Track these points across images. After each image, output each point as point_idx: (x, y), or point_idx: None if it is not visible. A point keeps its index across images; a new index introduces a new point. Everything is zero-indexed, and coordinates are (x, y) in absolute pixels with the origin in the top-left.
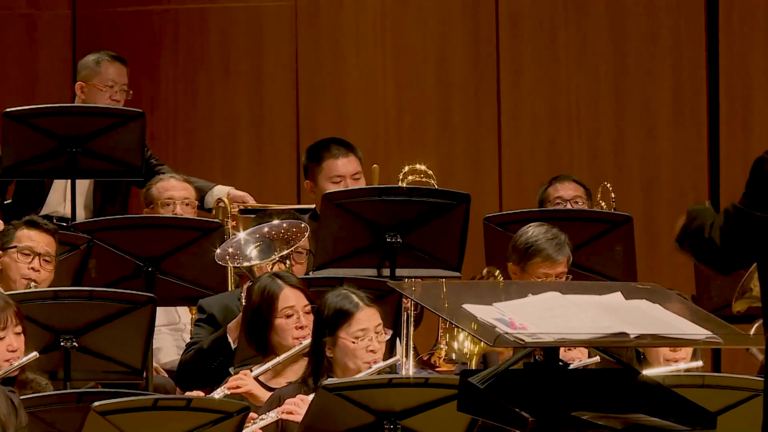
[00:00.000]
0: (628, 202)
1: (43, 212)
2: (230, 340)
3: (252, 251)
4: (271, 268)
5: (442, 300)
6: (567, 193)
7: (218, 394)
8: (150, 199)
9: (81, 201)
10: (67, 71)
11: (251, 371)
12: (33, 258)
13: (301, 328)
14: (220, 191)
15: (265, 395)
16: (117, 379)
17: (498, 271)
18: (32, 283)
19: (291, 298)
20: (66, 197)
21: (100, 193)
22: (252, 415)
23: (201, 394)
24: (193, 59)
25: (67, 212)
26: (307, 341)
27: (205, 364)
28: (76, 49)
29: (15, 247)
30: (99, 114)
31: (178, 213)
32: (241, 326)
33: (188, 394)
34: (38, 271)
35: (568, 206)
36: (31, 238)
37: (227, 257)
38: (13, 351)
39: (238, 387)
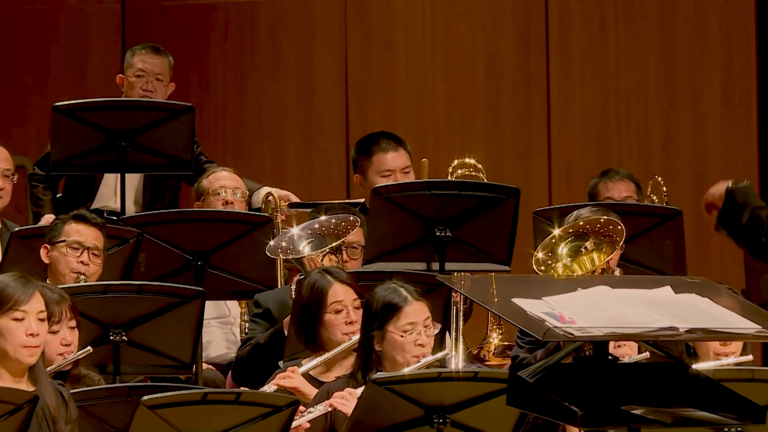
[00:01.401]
0: (678, 196)
1: (94, 206)
2: (286, 334)
3: (304, 246)
4: (322, 260)
5: (491, 294)
6: (618, 194)
7: (266, 389)
8: (201, 191)
9: (131, 195)
10: (117, 65)
11: (300, 367)
12: (82, 252)
13: (351, 323)
14: (266, 191)
15: (312, 392)
16: (166, 373)
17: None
18: (81, 277)
19: (340, 294)
20: (116, 191)
21: (149, 188)
22: (301, 408)
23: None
24: (242, 53)
25: (118, 206)
26: (357, 336)
27: (262, 359)
28: (125, 43)
29: (63, 241)
30: (148, 108)
31: (228, 200)
32: (290, 320)
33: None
34: (87, 264)
35: None
36: (79, 232)
37: (279, 250)
38: (67, 345)
39: (285, 383)
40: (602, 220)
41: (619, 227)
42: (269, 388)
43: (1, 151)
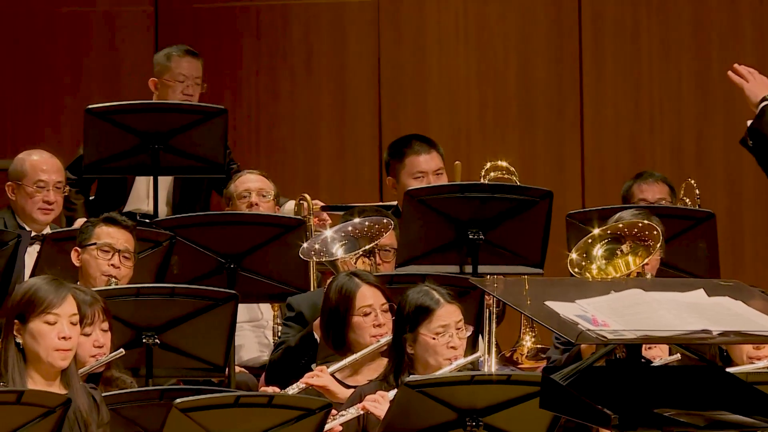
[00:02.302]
0: (711, 198)
1: (127, 209)
2: (317, 336)
3: (338, 249)
4: (355, 263)
5: (524, 297)
6: (651, 195)
7: (294, 389)
8: (228, 195)
9: (163, 197)
10: (150, 68)
11: (328, 368)
12: (112, 255)
13: (379, 325)
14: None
15: (341, 391)
16: (199, 376)
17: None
18: (112, 280)
19: (368, 297)
20: (149, 194)
21: (180, 190)
22: (333, 411)
23: (276, 389)
24: (275, 56)
25: (150, 208)
26: (385, 339)
27: (294, 362)
28: (158, 45)
29: (94, 244)
30: (181, 111)
31: (253, 202)
32: (320, 323)
33: (263, 389)
34: (118, 267)
35: None
36: (110, 234)
37: (312, 253)
38: (99, 347)
39: (314, 382)
40: (640, 224)
41: (656, 232)
42: (297, 387)
43: (53, 162)
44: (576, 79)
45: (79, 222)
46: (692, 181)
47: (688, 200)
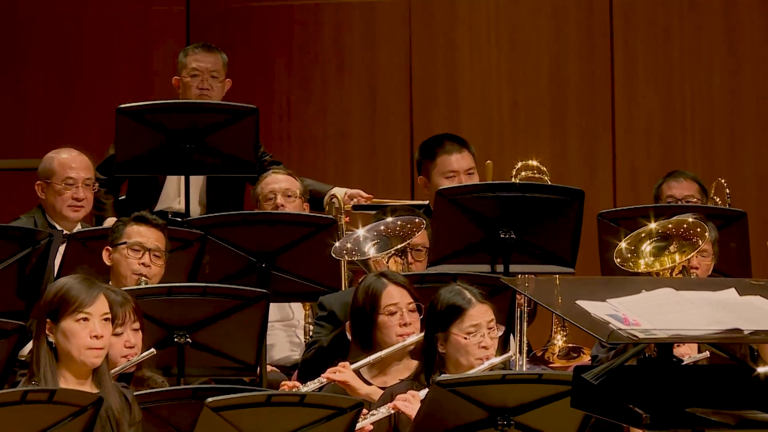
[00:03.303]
0: (743, 197)
1: (158, 208)
2: (349, 337)
3: (370, 248)
4: (387, 262)
5: (555, 296)
6: (679, 192)
7: (315, 383)
8: (255, 197)
9: (194, 196)
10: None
11: (351, 364)
12: (143, 254)
13: (405, 325)
14: (337, 191)
15: (361, 387)
16: (230, 375)
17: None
18: (143, 279)
19: (395, 296)
20: (180, 193)
21: (212, 189)
22: (363, 411)
23: (297, 384)
24: (306, 55)
25: (182, 207)
26: (411, 339)
27: (326, 362)
28: (189, 45)
29: (125, 243)
30: (212, 110)
31: (279, 204)
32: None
33: (284, 383)
34: (149, 266)
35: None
36: (140, 233)
37: (344, 252)
38: (130, 347)
39: (336, 377)
40: (688, 222)
41: (699, 229)
42: (319, 381)
43: (82, 160)
44: (607, 78)
45: (109, 221)
46: (722, 181)
47: (718, 199)
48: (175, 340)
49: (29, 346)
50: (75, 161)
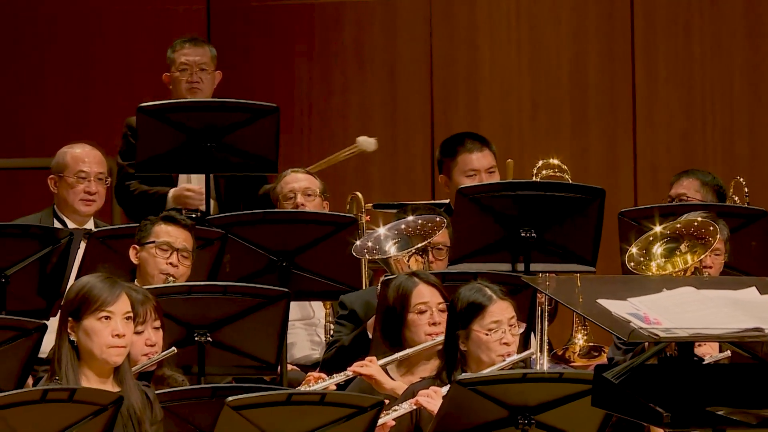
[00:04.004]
0: (763, 196)
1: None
2: (370, 336)
3: (390, 247)
4: (408, 261)
5: (576, 295)
6: (675, 191)
7: (341, 376)
8: (275, 196)
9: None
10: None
11: (378, 359)
12: (171, 253)
13: (434, 324)
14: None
15: (387, 382)
16: (251, 374)
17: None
18: (170, 279)
19: (425, 294)
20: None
21: (225, 187)
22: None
23: (323, 375)
24: (327, 53)
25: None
26: (439, 338)
27: (347, 361)
28: (210, 43)
29: (153, 242)
30: (233, 109)
31: (299, 203)
32: (376, 323)
33: (310, 373)
34: (176, 266)
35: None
36: (168, 233)
37: (365, 251)
38: (151, 345)
39: (362, 371)
40: (696, 223)
41: (712, 228)
42: (345, 375)
43: (95, 154)
44: (628, 76)
45: (180, 189)
46: (741, 179)
47: (737, 198)
48: (196, 338)
49: (51, 343)
50: (88, 155)
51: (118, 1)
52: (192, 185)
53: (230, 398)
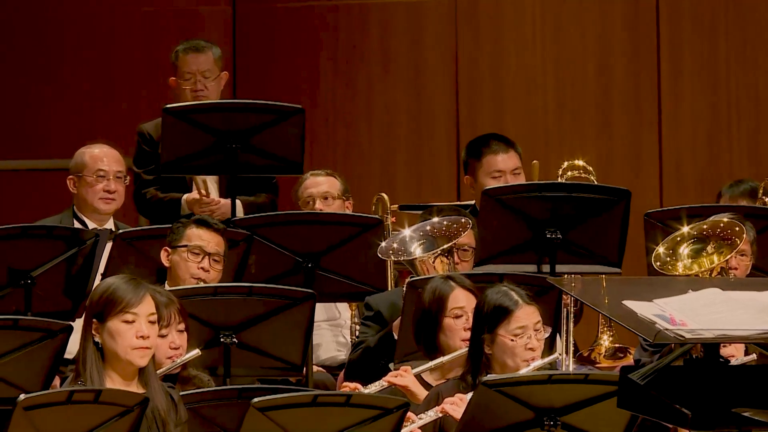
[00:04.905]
0: None
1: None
2: (396, 337)
3: (416, 248)
4: (434, 262)
5: (601, 296)
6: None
7: (375, 386)
8: (296, 199)
9: (216, 191)
10: (227, 67)
11: (413, 368)
12: (203, 257)
13: (470, 329)
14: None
15: (422, 393)
16: (276, 375)
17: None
18: (201, 283)
19: (461, 299)
20: (208, 188)
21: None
22: (410, 415)
23: (358, 386)
24: (352, 55)
25: None
26: None
27: (373, 362)
28: (235, 45)
29: (185, 246)
30: (258, 110)
31: (318, 209)
32: (401, 324)
33: (345, 384)
34: (207, 270)
35: None
36: (201, 237)
37: (390, 252)
38: (175, 348)
39: (397, 381)
40: (724, 222)
41: (738, 228)
42: (380, 385)
43: (113, 153)
44: (653, 77)
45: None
46: None
47: (767, 199)
48: (222, 340)
49: (77, 344)
50: (106, 155)
51: (144, 3)
52: (195, 193)
53: (256, 399)
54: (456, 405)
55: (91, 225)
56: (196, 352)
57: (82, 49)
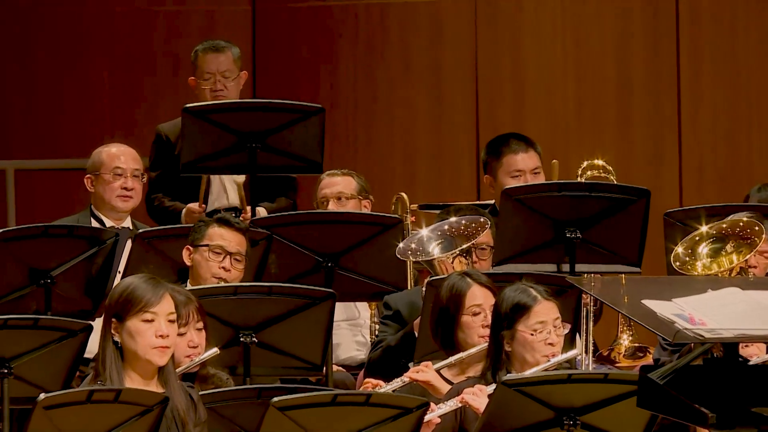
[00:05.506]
0: None
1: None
2: (417, 336)
3: (434, 248)
4: (452, 262)
5: (621, 295)
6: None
7: (397, 382)
8: (314, 200)
9: (236, 192)
10: (247, 66)
11: (433, 364)
12: (224, 257)
13: (488, 326)
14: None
15: (445, 388)
16: (296, 375)
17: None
18: (222, 283)
19: (479, 296)
20: (226, 190)
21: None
22: (431, 406)
23: (381, 383)
24: (372, 54)
25: (225, 203)
26: None
27: (393, 360)
28: (255, 45)
29: (206, 245)
30: (278, 110)
31: (332, 209)
32: (421, 323)
33: (367, 380)
34: (229, 270)
35: None
36: (222, 236)
37: (409, 252)
38: (194, 347)
39: (418, 377)
40: (743, 222)
41: (757, 228)
42: (401, 381)
43: (130, 152)
44: (673, 76)
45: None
46: None
47: None
48: (241, 339)
49: (97, 343)
50: (123, 153)
51: (164, 2)
52: (195, 206)
53: (275, 399)
54: (476, 395)
55: (108, 223)
56: (214, 350)
57: (102, 49)
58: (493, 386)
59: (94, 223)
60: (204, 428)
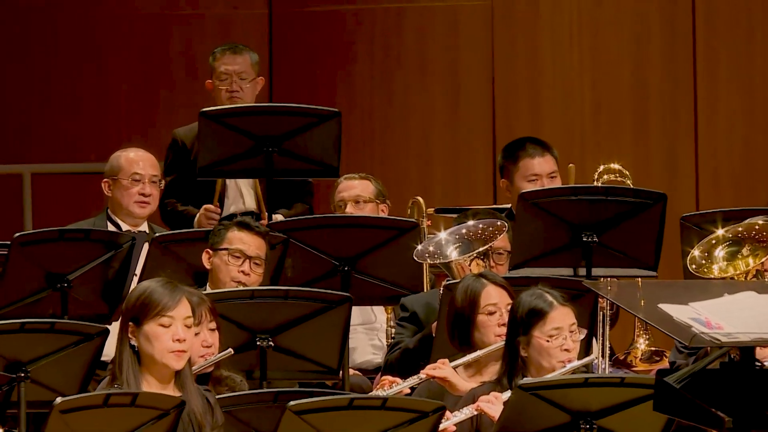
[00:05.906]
0: None
1: (224, 213)
2: (433, 334)
3: (452, 251)
4: (469, 265)
5: (637, 299)
6: None
7: (414, 379)
8: (331, 204)
9: (250, 196)
10: (264, 70)
11: (450, 361)
12: (243, 261)
13: (504, 325)
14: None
15: (461, 384)
16: (313, 379)
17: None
18: (241, 287)
19: (494, 296)
20: (241, 193)
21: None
22: (446, 414)
23: (397, 379)
24: (389, 58)
25: (241, 207)
26: None
27: (411, 363)
28: (272, 49)
29: (226, 249)
30: (295, 114)
31: (349, 213)
32: (438, 327)
33: (384, 377)
34: (248, 274)
35: None
36: (242, 240)
37: (426, 255)
38: (208, 346)
39: (435, 374)
40: (759, 225)
41: None
42: (418, 378)
43: (148, 158)
44: (690, 81)
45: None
46: None
47: None
48: (258, 343)
49: (113, 347)
50: (142, 159)
51: (182, 6)
52: (211, 206)
53: (292, 403)
54: (491, 403)
55: (125, 228)
56: (228, 350)
57: (120, 54)
58: (509, 393)
59: (111, 227)
60: None
